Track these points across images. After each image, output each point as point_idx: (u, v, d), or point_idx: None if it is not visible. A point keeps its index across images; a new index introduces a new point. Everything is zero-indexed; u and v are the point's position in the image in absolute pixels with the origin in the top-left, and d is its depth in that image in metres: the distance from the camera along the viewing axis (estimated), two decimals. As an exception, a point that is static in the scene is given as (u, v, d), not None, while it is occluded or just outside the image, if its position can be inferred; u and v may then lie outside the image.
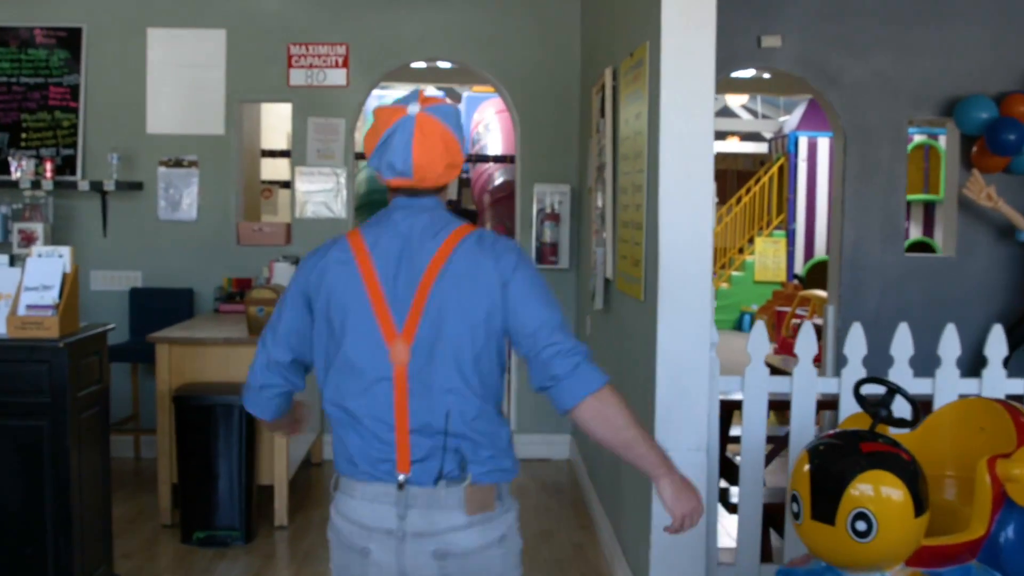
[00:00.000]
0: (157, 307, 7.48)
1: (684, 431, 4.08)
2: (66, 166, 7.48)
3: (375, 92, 14.85)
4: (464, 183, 13.33)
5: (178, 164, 7.64)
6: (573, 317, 7.63)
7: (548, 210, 7.54)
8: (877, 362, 4.40)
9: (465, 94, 14.69)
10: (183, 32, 7.57)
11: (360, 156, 11.28)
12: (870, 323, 4.91)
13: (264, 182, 10.03)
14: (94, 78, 7.56)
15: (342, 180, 7.64)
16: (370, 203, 11.66)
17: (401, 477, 2.31)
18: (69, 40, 7.51)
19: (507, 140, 12.92)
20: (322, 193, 7.63)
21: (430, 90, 15.91)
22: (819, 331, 5.97)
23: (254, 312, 6.01)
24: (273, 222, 7.81)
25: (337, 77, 7.61)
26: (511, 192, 11.78)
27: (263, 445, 5.81)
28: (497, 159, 11.32)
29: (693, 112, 4.09)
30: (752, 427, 4.34)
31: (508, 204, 11.65)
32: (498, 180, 12.08)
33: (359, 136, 8.76)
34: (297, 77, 7.61)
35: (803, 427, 4.31)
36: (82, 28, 7.52)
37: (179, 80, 7.58)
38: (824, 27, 6.44)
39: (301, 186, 7.64)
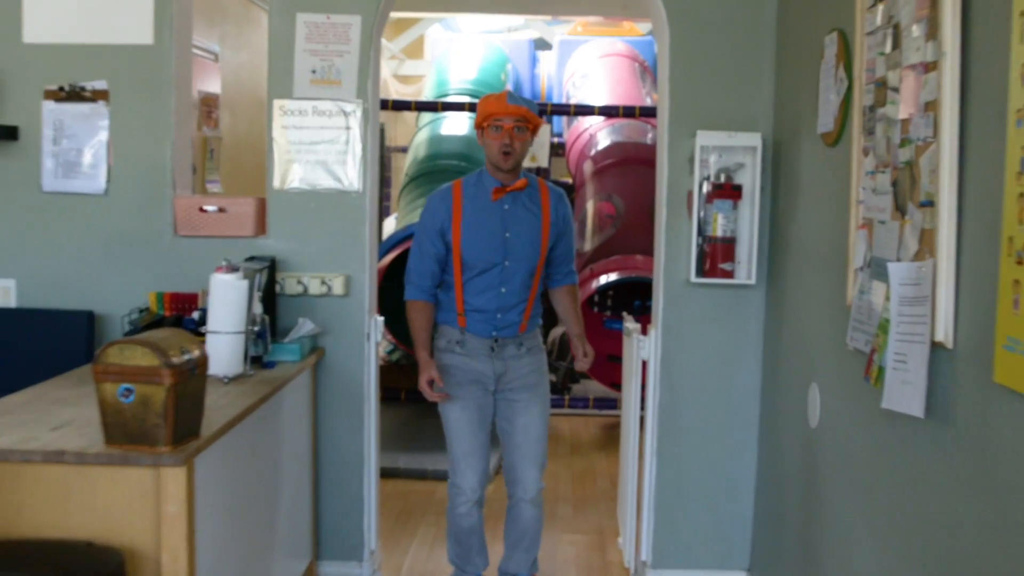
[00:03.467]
0: (31, 345, 4.15)
1: None
2: None
3: (427, 16, 11.32)
4: (556, 149, 9.81)
5: (76, 96, 4.27)
6: (755, 404, 4.24)
7: (718, 179, 4.04)
8: None
9: (557, 38, 11.18)
10: None
11: (400, 106, 7.84)
12: None
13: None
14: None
15: (356, 125, 4.21)
16: (431, 171, 8.21)
17: None
18: None
19: (617, 91, 9.36)
20: (321, 148, 4.20)
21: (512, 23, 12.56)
22: None
23: (112, 395, 2.63)
24: (236, 198, 4.43)
25: (348, -56, 4.20)
26: (625, 158, 8.25)
27: None
28: (605, 111, 7.77)
29: None
30: None
31: (620, 174, 8.10)
32: (604, 142, 8.55)
33: (390, 53, 5.25)
34: (279, -56, 4.22)
35: None
36: None
37: (77, -49, 4.23)
38: None
39: (284, 135, 4.23)
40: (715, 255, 4.08)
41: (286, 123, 4.21)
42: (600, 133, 8.64)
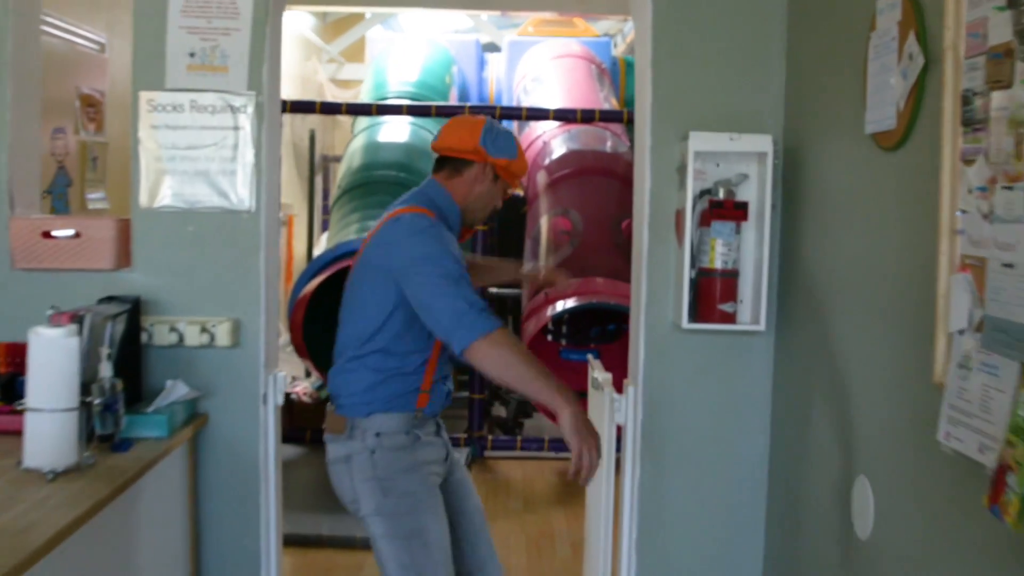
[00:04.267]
0: None
1: None
2: None
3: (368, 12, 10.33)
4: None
5: None
6: (762, 485, 3.27)
7: (718, 194, 3.09)
8: None
9: (506, 39, 10.23)
10: None
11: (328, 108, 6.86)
12: None
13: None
14: None
15: (248, 124, 3.21)
16: (367, 183, 7.19)
17: None
18: None
19: (573, 94, 8.41)
20: (201, 154, 3.19)
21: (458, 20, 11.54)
22: None
23: None
24: (92, 219, 3.38)
25: None
26: (582, 168, 7.30)
27: None
28: (561, 116, 6.80)
29: None
30: None
31: (577, 186, 7.15)
32: (559, 150, 7.59)
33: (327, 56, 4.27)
34: None
35: None
36: None
37: None
38: None
39: (153, 137, 3.21)
40: (712, 292, 3.12)
41: (156, 122, 3.20)
42: (555, 141, 7.67)
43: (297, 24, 10.37)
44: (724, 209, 3.06)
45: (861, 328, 2.55)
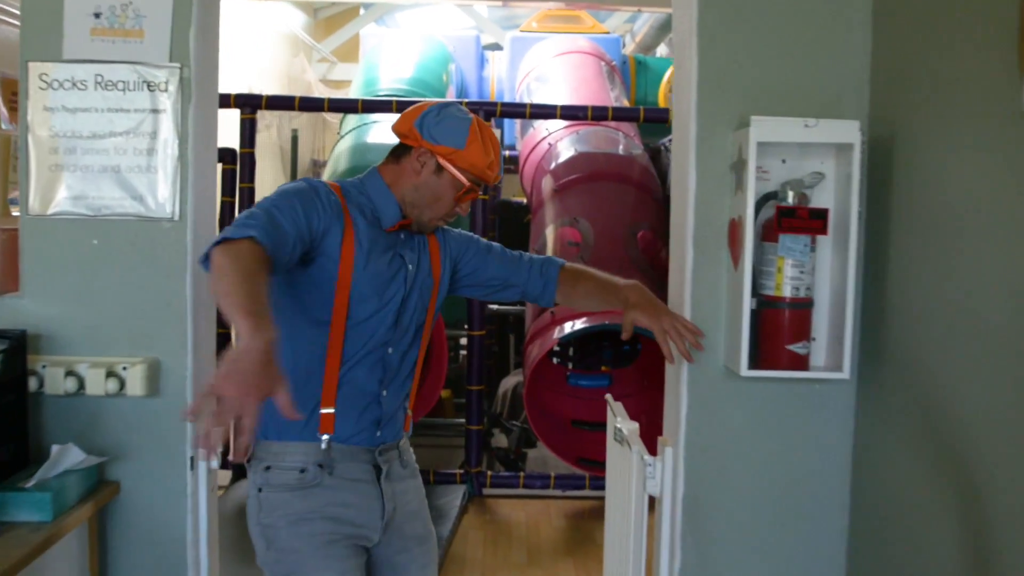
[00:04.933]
0: None
1: None
2: None
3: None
4: (506, 163, 8.06)
5: None
6: None
7: (787, 198, 2.32)
8: None
9: (509, 35, 9.47)
10: None
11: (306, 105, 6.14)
12: None
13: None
14: None
15: (170, 106, 2.43)
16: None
17: None
18: None
19: (581, 93, 7.64)
20: (110, 145, 2.43)
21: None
22: None
23: None
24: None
25: None
26: (593, 173, 6.52)
27: None
28: (569, 113, 6.02)
29: None
30: None
31: (586, 192, 6.38)
32: (566, 153, 6.81)
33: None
34: None
35: None
36: None
37: None
38: None
39: (46, 122, 2.43)
40: (779, 328, 2.34)
41: (50, 102, 2.42)
42: (562, 143, 6.89)
43: (285, 20, 9.63)
44: (796, 219, 2.28)
45: (988, 379, 1.79)
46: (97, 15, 2.40)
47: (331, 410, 2.14)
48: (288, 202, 2.06)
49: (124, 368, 2.42)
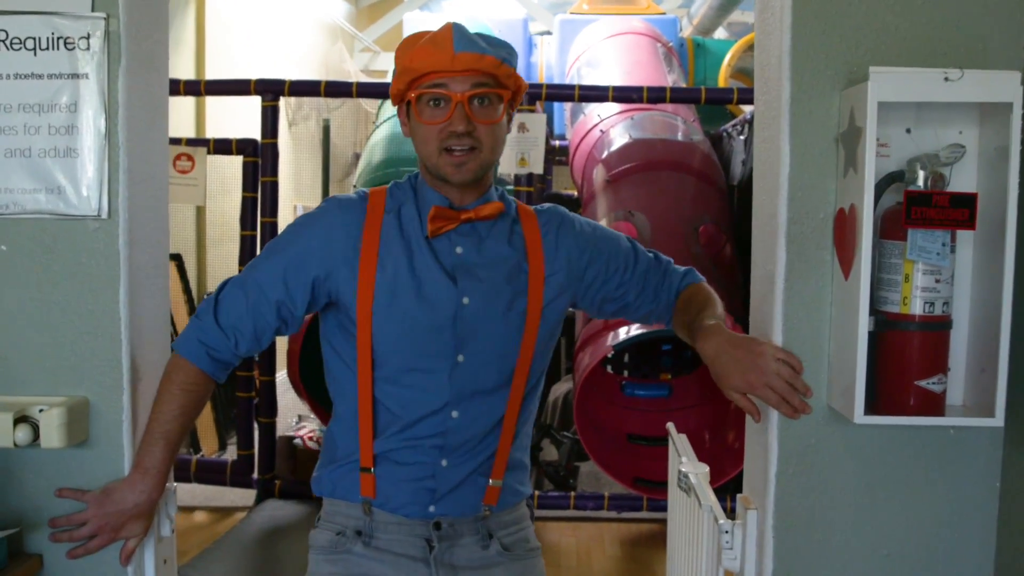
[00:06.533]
0: None
1: None
2: None
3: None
4: (555, 154, 7.43)
5: None
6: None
7: (917, 180, 1.68)
8: None
9: (557, 18, 8.83)
10: None
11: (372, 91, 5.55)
12: None
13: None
14: None
15: (93, 71, 1.85)
16: (389, 180, 5.85)
17: None
18: None
19: (635, 76, 6.99)
20: (19, 122, 1.85)
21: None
22: None
23: None
24: None
25: None
26: (649, 161, 5.84)
27: None
28: (623, 96, 5.36)
29: None
30: None
31: (642, 183, 5.72)
32: (620, 140, 6.15)
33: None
34: None
35: None
36: None
37: None
38: None
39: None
40: (906, 357, 1.69)
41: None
42: (615, 129, 6.23)
43: (325, 8, 9.08)
44: (933, 208, 1.63)
45: None
46: (-1, -48, 1.82)
47: (371, 470, 1.81)
48: (258, 277, 1.78)
49: (40, 411, 1.83)
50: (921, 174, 1.68)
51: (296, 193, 8.35)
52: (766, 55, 1.89)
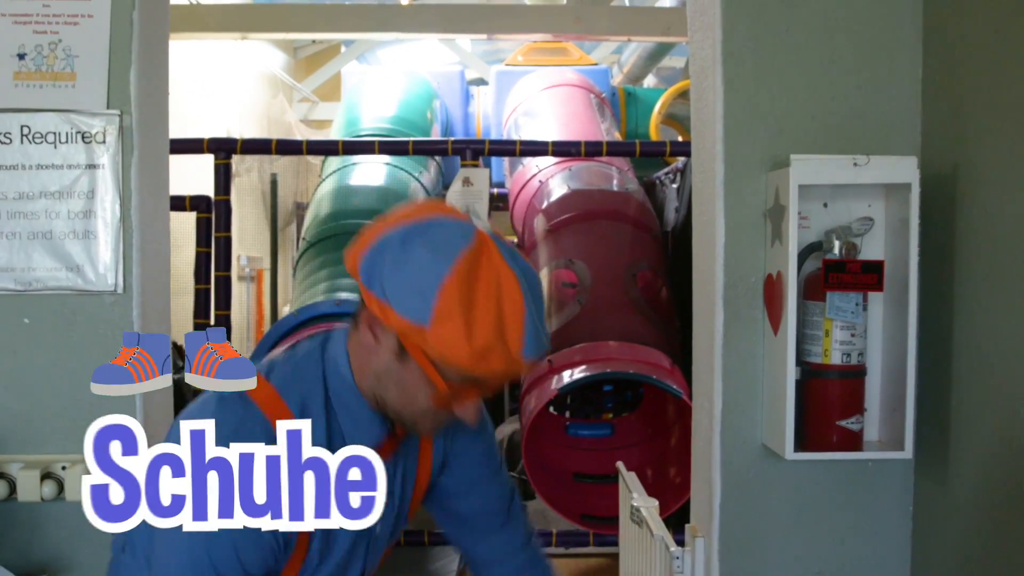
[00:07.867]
0: None
1: None
2: None
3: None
4: (496, 201, 7.71)
5: None
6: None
7: (833, 249, 1.97)
8: None
9: (494, 69, 9.16)
10: None
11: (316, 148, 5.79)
12: None
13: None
14: None
15: (109, 161, 2.06)
16: (337, 234, 6.05)
17: None
18: None
19: (571, 127, 7.32)
20: (40, 207, 2.05)
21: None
22: None
23: None
24: None
25: None
26: (588, 211, 6.16)
27: None
28: (562, 149, 5.68)
29: None
30: None
31: (582, 232, 6.02)
32: (559, 190, 6.45)
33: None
34: None
35: None
36: None
37: None
38: None
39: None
40: (828, 401, 1.98)
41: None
42: (554, 180, 6.53)
43: (264, 60, 9.31)
44: (847, 273, 1.93)
45: None
46: (21, 56, 2.05)
47: None
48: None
49: (63, 468, 2.04)
50: (837, 244, 1.98)
51: (240, 244, 8.51)
52: (702, 141, 2.18)
